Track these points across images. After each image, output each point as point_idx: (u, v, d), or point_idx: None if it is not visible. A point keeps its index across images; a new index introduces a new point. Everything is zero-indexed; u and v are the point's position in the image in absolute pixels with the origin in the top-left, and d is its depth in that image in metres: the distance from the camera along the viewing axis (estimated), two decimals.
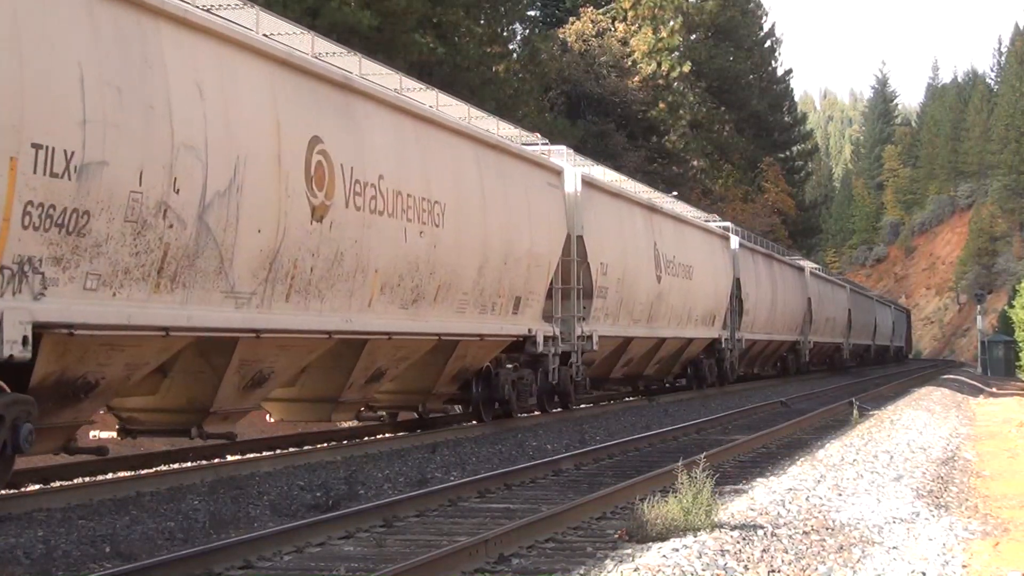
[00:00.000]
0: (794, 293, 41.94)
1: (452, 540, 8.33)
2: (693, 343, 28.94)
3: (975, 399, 30.74)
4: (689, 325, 28.03)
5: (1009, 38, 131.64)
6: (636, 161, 46.64)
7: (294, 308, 12.02)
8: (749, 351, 36.37)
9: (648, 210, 25.61)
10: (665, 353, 27.16)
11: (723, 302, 31.14)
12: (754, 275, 35.49)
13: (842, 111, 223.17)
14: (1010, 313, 58.17)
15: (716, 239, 31.70)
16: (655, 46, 50.69)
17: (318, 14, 25.03)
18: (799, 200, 75.72)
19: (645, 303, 24.48)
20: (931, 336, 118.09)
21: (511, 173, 17.81)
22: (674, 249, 26.56)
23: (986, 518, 9.86)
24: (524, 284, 17.98)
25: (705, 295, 29.23)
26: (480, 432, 17.55)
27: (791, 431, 18.16)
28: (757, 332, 36.16)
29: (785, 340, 41.16)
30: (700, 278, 28.61)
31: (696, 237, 29.22)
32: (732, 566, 7.35)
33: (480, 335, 16.60)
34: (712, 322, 30.26)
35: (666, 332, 26.11)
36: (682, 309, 27.14)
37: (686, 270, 27.45)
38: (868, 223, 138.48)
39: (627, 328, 23.54)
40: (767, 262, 38.40)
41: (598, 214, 21.78)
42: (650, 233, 25.07)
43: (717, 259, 31.08)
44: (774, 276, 38.78)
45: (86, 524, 9.23)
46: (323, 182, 12.25)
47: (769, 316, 37.63)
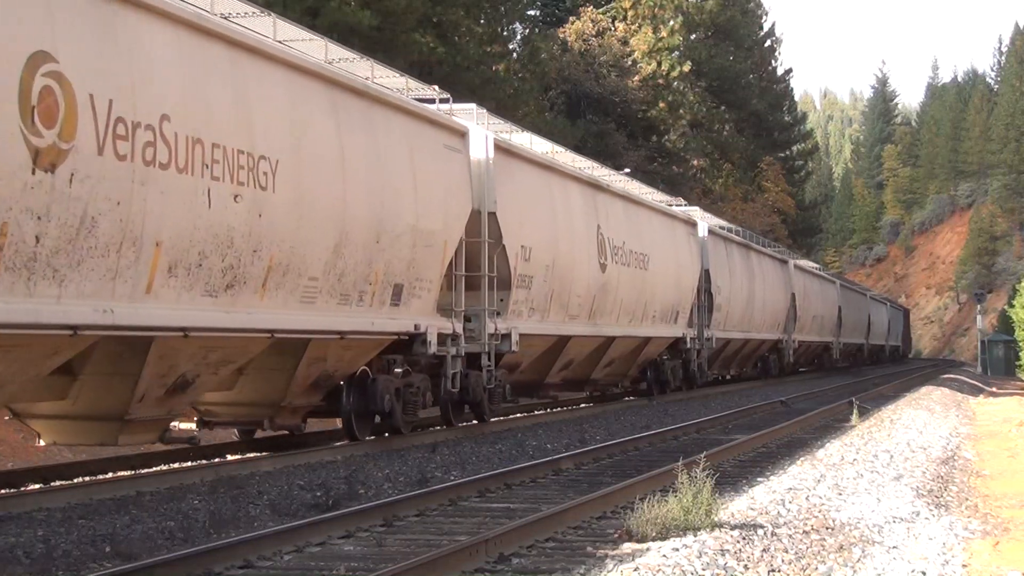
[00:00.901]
0: (776, 287, 38.82)
1: (452, 539, 8.34)
2: (651, 343, 25.55)
3: (975, 398, 30.74)
4: (645, 322, 24.76)
5: (1009, 37, 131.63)
6: (636, 161, 46.61)
7: (5, 293, 8.64)
8: (723, 351, 33.15)
9: (590, 187, 21.95)
10: (616, 354, 23.70)
11: (688, 296, 27.94)
12: (727, 266, 32.17)
13: (842, 111, 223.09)
14: (1010, 312, 58.16)
15: (680, 225, 28.17)
16: (655, 46, 50.69)
17: (318, 14, 25.03)
18: (799, 200, 75.72)
19: (585, 296, 20.92)
20: (931, 336, 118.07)
21: (389, 129, 14.26)
22: (624, 234, 23.06)
23: (986, 517, 9.86)
24: (408, 269, 14.49)
25: (665, 288, 25.97)
26: (480, 432, 17.55)
27: (791, 431, 18.17)
28: (731, 330, 32.82)
29: (766, 339, 38.00)
30: (659, 268, 25.29)
31: (654, 222, 25.76)
32: (732, 565, 7.35)
33: (340, 332, 13.23)
34: (675, 319, 27.07)
35: (614, 330, 22.58)
36: (635, 303, 23.85)
37: (640, 259, 24.08)
38: (868, 223, 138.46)
39: (562, 325, 20.11)
40: (743, 253, 35.03)
41: (519, 187, 18.25)
42: (592, 214, 21.57)
43: (681, 247, 27.66)
44: (752, 268, 35.45)
45: (86, 524, 9.23)
46: (55, 117, 8.87)
47: (746, 312, 34.28)
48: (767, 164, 67.06)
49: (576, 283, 20.54)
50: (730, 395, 30.23)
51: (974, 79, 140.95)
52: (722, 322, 31.37)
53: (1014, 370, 53.48)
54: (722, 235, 32.80)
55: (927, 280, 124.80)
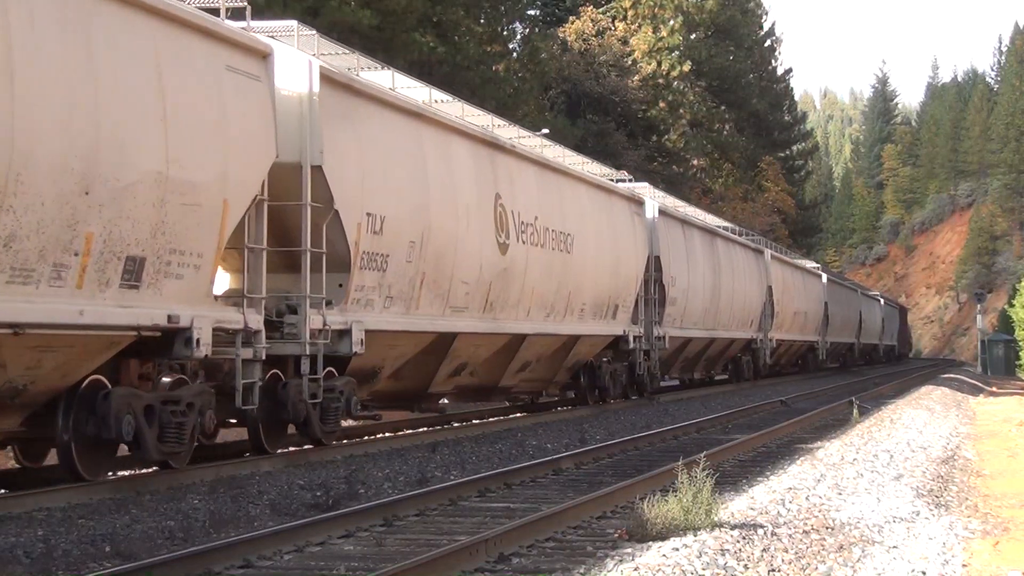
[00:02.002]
0: (749, 280, 34.36)
1: (452, 539, 8.33)
2: (582, 343, 21.09)
3: (975, 398, 30.74)
4: (570, 317, 20.31)
5: (1009, 37, 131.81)
6: (636, 160, 46.64)
7: None
8: (682, 352, 29.03)
9: (486, 146, 17.34)
10: (532, 356, 19.52)
11: (631, 287, 23.41)
12: (684, 254, 27.69)
13: (842, 110, 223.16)
14: (1010, 312, 58.26)
15: (619, 201, 23.38)
16: (655, 45, 50.74)
17: (318, 13, 25.03)
18: (799, 199, 75.78)
19: (476, 283, 16.58)
20: (931, 335, 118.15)
21: (116, 32, 10.03)
22: (538, 208, 18.73)
23: (986, 517, 9.86)
24: (153, 236, 10.40)
25: (598, 276, 21.46)
26: (480, 432, 17.57)
27: (791, 430, 18.16)
28: (690, 327, 28.28)
29: (737, 338, 33.60)
30: (589, 252, 20.87)
31: (582, 196, 21.20)
32: (732, 565, 7.35)
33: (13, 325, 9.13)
34: (613, 313, 22.53)
35: (523, 326, 18.33)
36: (554, 294, 19.45)
37: (561, 240, 19.67)
38: (868, 222, 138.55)
39: (440, 319, 15.77)
40: (707, 239, 30.42)
41: (366, 136, 14.02)
42: (488, 180, 17.17)
43: (621, 229, 23.05)
44: (717, 257, 30.96)
45: (86, 524, 9.22)
46: None
47: (710, 307, 29.94)
48: (767, 164, 67.09)
49: (462, 266, 16.09)
50: (730, 395, 30.24)
51: (974, 79, 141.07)
52: (678, 318, 27.09)
53: (1014, 370, 53.55)
54: (678, 217, 28.38)
55: (927, 280, 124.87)
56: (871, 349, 65.03)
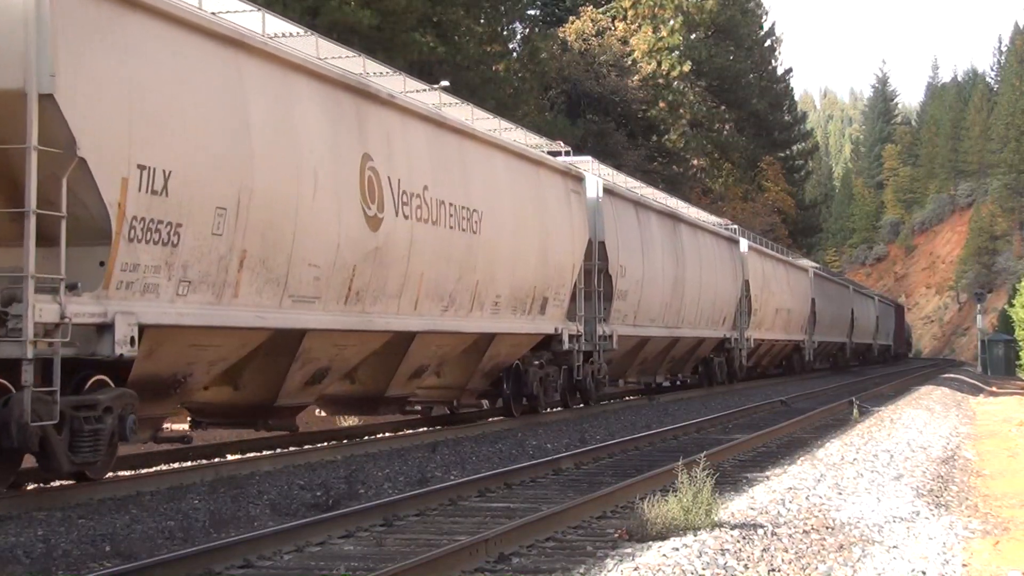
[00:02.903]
0: (721, 272, 31.15)
1: (452, 539, 8.33)
2: (498, 342, 17.64)
3: (975, 398, 30.73)
4: (479, 312, 16.73)
5: (1009, 37, 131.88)
6: (636, 160, 46.64)
7: None
8: (639, 353, 25.56)
9: (349, 93, 13.52)
10: (429, 359, 16.20)
11: (566, 277, 20.04)
12: (638, 240, 24.35)
13: (842, 110, 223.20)
14: (1010, 312, 58.25)
15: (549, 176, 19.69)
16: (655, 45, 50.71)
17: (318, 13, 25.03)
18: (799, 199, 75.76)
19: (330, 264, 12.93)
20: (931, 335, 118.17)
21: None
22: (429, 175, 15.02)
23: (986, 517, 9.86)
24: None
25: (517, 263, 17.87)
26: (480, 432, 17.57)
27: (791, 430, 18.16)
28: (647, 325, 25.00)
29: (707, 337, 30.34)
30: (503, 233, 17.29)
31: (498, 165, 17.50)
32: (732, 565, 7.35)
33: None
34: (541, 308, 19.05)
35: (407, 321, 14.68)
36: (454, 283, 15.84)
37: (464, 216, 16.07)
38: (868, 222, 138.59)
39: (273, 313, 12.07)
40: (667, 224, 27.12)
41: (131, 53, 10.33)
42: (352, 136, 13.47)
43: (552, 207, 19.45)
44: (680, 245, 27.70)
45: (86, 524, 9.23)
46: None
47: (671, 302, 26.58)
48: (767, 164, 67.09)
49: (307, 243, 12.42)
50: (730, 394, 30.24)
51: (974, 79, 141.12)
52: (630, 314, 23.68)
53: (1014, 370, 53.53)
54: (631, 198, 24.77)
55: (927, 280, 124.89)
56: (864, 349, 62.52)
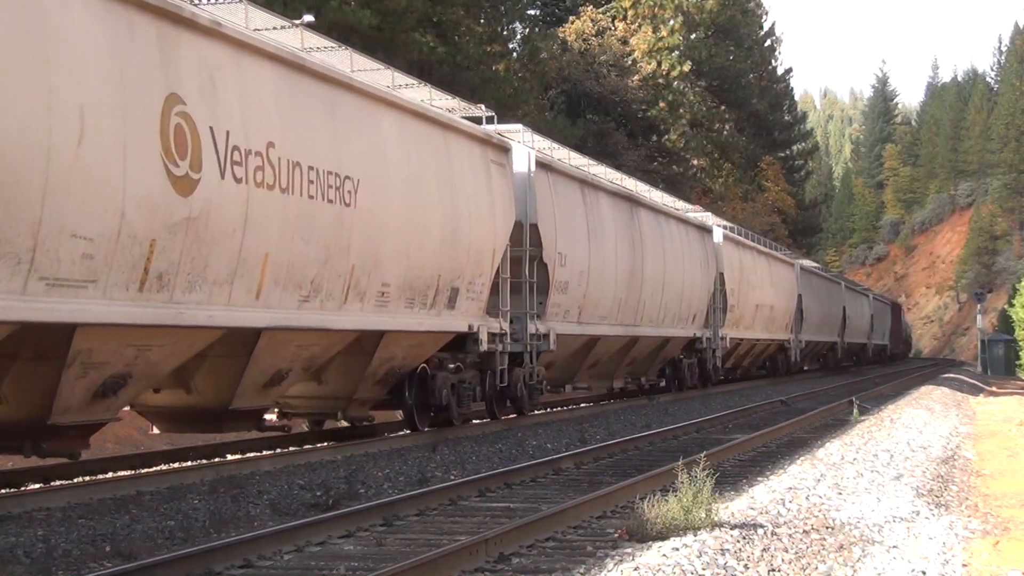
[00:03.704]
0: (690, 264, 27.76)
1: (452, 539, 8.34)
2: (390, 342, 14.62)
3: (975, 398, 30.73)
4: (358, 304, 13.59)
5: (1009, 37, 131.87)
6: (636, 160, 46.63)
7: None
8: (588, 354, 22.12)
9: (152, 16, 10.31)
10: (285, 361, 12.97)
11: (483, 265, 16.83)
12: (582, 224, 20.95)
13: (842, 110, 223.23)
14: (1010, 312, 58.27)
15: (461, 143, 16.45)
16: (655, 45, 50.70)
17: (318, 13, 25.02)
18: (799, 199, 75.76)
19: (110, 239, 9.68)
20: (931, 335, 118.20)
21: None
22: (276, 130, 11.92)
23: (986, 517, 9.86)
24: None
25: (413, 244, 14.69)
26: (480, 432, 17.57)
27: (791, 430, 18.17)
28: (595, 322, 21.72)
29: (674, 336, 27.05)
30: (390, 208, 14.10)
31: (385, 125, 14.27)
32: (732, 565, 7.35)
33: None
34: (449, 301, 15.88)
35: (244, 315, 11.49)
36: (320, 267, 12.66)
37: (333, 185, 12.83)
38: (868, 222, 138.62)
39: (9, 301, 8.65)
40: (622, 208, 23.50)
41: None
42: (155, 70, 10.29)
43: (464, 181, 16.25)
44: (639, 232, 24.15)
45: (86, 523, 9.23)
46: None
47: (627, 297, 23.21)
48: (767, 164, 67.08)
49: (69, 207, 9.18)
50: (730, 395, 30.23)
51: (974, 79, 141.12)
52: (572, 310, 20.63)
53: (1014, 370, 53.56)
54: (575, 176, 21.32)
55: (927, 280, 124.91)
56: (858, 349, 59.44)
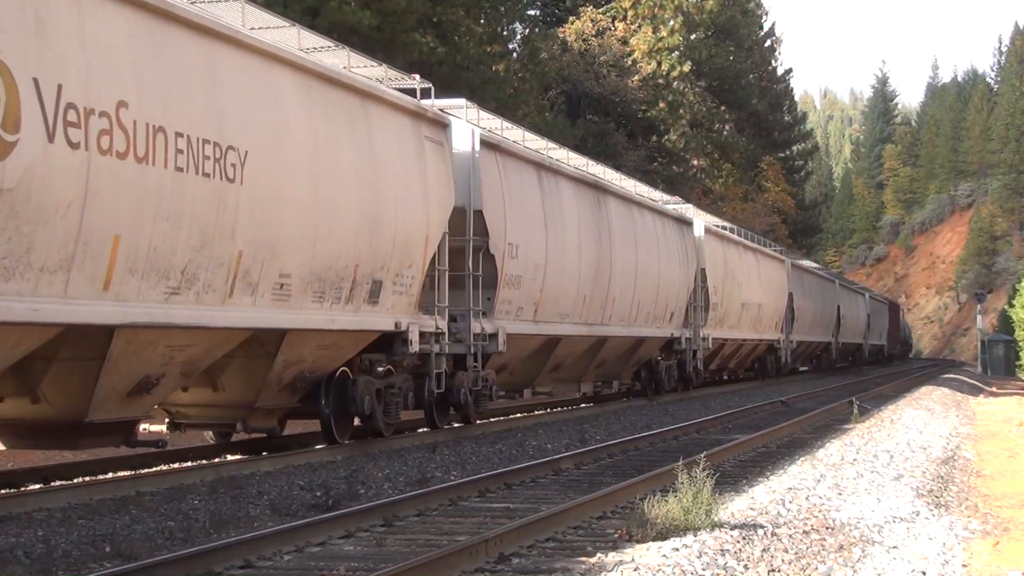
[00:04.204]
0: (666, 258, 25.72)
1: (452, 539, 8.34)
2: (294, 342, 12.74)
3: (975, 398, 30.73)
4: (248, 297, 11.62)
5: (1009, 37, 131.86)
6: (636, 160, 46.63)
7: None
8: (549, 356, 20.23)
9: None
10: (156, 365, 10.85)
11: (413, 254, 14.86)
12: (539, 211, 19.09)
13: (842, 110, 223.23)
14: (1010, 312, 58.23)
15: (383, 112, 14.28)
16: (655, 45, 50.70)
17: (318, 13, 25.04)
18: (799, 199, 75.77)
19: None
20: (931, 335, 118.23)
21: None
22: (131, 86, 9.94)
23: (986, 517, 9.86)
24: None
25: (321, 226, 12.69)
26: (480, 432, 17.57)
27: (791, 430, 18.17)
28: (554, 320, 19.71)
29: (649, 337, 25.01)
30: (289, 185, 12.09)
31: (284, 86, 12.28)
32: (732, 565, 7.35)
33: None
34: (369, 296, 13.90)
35: (84, 309, 9.53)
36: (194, 253, 10.73)
37: (211, 155, 10.89)
38: (868, 222, 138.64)
39: None
40: (587, 196, 21.50)
41: None
42: None
43: (388, 157, 14.18)
44: (607, 222, 22.07)
45: (86, 524, 9.23)
46: None
47: (593, 293, 21.18)
48: (767, 164, 67.09)
49: None
50: (730, 395, 30.23)
51: (974, 79, 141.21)
52: (527, 307, 18.62)
53: (1014, 370, 53.52)
54: (530, 159, 19.27)
55: (927, 280, 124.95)
56: (854, 350, 58.15)
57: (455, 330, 16.51)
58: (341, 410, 14.17)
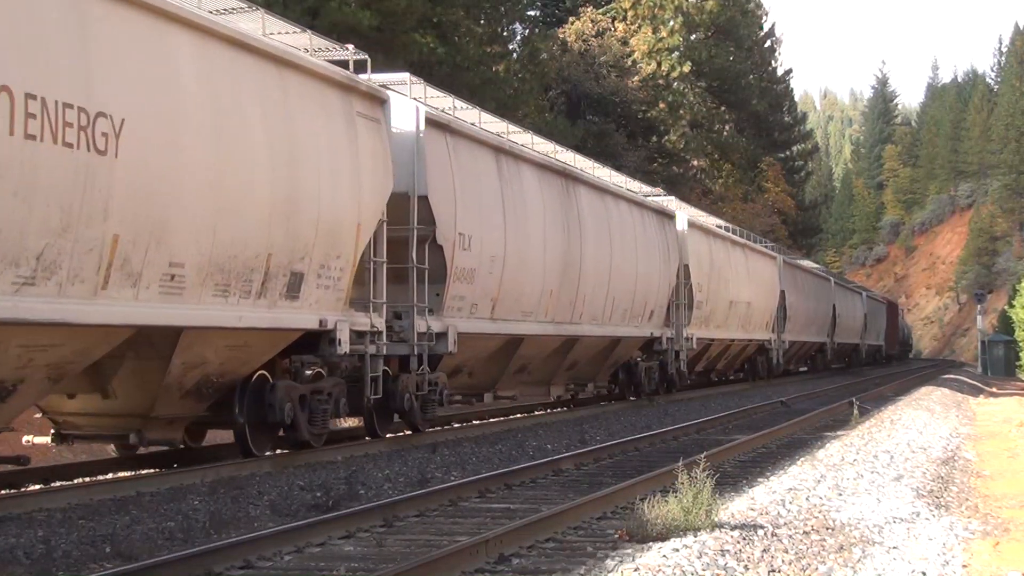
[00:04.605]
0: (644, 252, 23.87)
1: (452, 540, 8.34)
2: (202, 345, 11.46)
3: (975, 399, 30.73)
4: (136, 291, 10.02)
5: (1009, 38, 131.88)
6: (636, 161, 46.63)
7: None
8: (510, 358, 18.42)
9: None
10: None
11: (344, 240, 13.33)
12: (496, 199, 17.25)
13: (842, 111, 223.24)
14: (1010, 313, 58.26)
15: (306, 85, 12.77)
16: (655, 46, 50.70)
17: (318, 14, 25.04)
18: (799, 200, 75.78)
19: None
20: (931, 336, 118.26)
21: None
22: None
23: (986, 518, 9.86)
24: None
25: (223, 209, 11.17)
26: (480, 432, 17.57)
27: (791, 431, 18.17)
28: (515, 319, 17.99)
29: (626, 336, 23.26)
30: (175, 156, 10.44)
31: (159, 41, 10.36)
32: (732, 566, 7.35)
33: None
34: (289, 290, 12.35)
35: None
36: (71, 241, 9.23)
37: (74, 121, 9.17)
38: (868, 223, 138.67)
39: None
40: (553, 183, 19.63)
41: None
42: None
43: (311, 126, 12.73)
44: (576, 213, 20.30)
45: (86, 524, 9.23)
46: None
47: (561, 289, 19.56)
48: (767, 164, 67.09)
49: None
50: (730, 395, 30.23)
51: (974, 79, 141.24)
52: (483, 303, 16.88)
53: (1014, 370, 53.54)
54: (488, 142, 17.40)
55: (927, 280, 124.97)
56: (850, 350, 56.68)
57: (398, 329, 14.79)
58: (259, 419, 12.63)
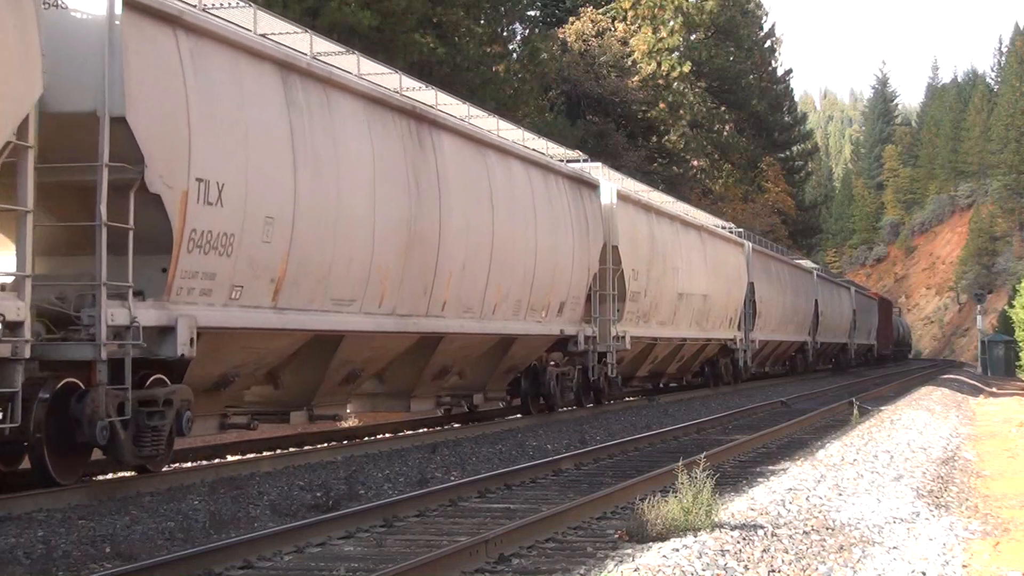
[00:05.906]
0: (545, 227, 19.00)
1: (452, 540, 8.33)
2: None
3: (975, 399, 30.72)
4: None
5: (1009, 38, 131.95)
6: (636, 161, 46.62)
7: None
8: (333, 363, 13.73)
9: None
10: None
11: None
12: (285, 132, 12.45)
13: (842, 111, 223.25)
14: (1010, 313, 58.23)
15: None
16: (655, 46, 50.69)
17: (318, 14, 25.02)
18: (799, 200, 75.80)
19: None
20: (931, 336, 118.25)
21: None
22: None
23: (986, 518, 9.86)
24: None
25: None
26: (480, 432, 17.57)
27: (791, 431, 18.16)
28: (375, 312, 14.30)
29: (519, 334, 18.44)
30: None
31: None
32: (732, 566, 7.35)
33: None
34: None
35: None
36: None
37: None
38: (868, 223, 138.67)
39: None
40: (393, 125, 14.72)
41: None
42: None
43: None
44: (432, 164, 15.51)
45: (86, 524, 9.22)
46: None
47: (400, 266, 14.71)
48: (767, 164, 67.09)
49: None
50: (729, 396, 30.21)
51: (974, 79, 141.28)
52: (257, 284, 12.05)
53: (1014, 370, 53.51)
54: (261, 54, 12.27)
55: (927, 280, 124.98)
56: (836, 351, 52.15)
57: (87, 321, 10.02)
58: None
